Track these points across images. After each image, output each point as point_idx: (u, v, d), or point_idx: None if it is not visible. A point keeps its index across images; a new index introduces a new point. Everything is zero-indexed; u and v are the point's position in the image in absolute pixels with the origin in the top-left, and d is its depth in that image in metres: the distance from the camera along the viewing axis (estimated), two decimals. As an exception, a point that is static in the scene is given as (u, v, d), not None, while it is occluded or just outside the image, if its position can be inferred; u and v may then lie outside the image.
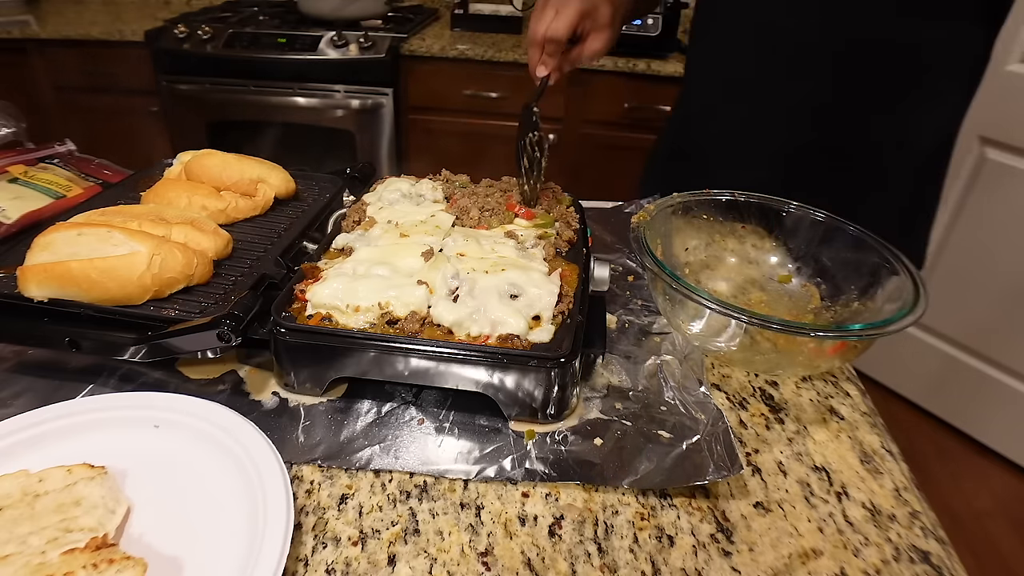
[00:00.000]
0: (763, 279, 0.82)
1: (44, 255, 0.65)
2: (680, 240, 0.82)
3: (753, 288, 0.81)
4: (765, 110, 0.96)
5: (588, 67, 2.09)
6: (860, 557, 0.52)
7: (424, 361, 0.60)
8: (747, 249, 0.84)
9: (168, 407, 0.59)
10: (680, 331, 0.72)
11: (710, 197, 0.82)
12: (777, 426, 0.65)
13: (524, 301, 0.63)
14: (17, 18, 2.41)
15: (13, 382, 0.65)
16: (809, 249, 0.80)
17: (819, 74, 0.90)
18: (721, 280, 0.83)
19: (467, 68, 2.20)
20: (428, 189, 0.84)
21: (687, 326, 0.70)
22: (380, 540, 0.52)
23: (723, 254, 0.84)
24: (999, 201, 1.85)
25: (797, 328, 0.61)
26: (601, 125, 2.23)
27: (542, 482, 0.57)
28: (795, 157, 0.96)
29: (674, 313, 0.71)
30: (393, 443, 0.60)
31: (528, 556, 0.51)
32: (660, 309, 0.76)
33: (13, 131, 1.01)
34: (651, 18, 2.09)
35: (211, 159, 0.84)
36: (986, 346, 2.00)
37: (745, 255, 0.83)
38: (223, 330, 0.58)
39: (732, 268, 0.83)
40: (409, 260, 0.67)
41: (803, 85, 0.92)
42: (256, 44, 2.24)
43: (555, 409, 0.61)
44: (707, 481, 0.55)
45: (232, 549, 0.48)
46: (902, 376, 2.24)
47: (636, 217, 0.75)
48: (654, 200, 0.81)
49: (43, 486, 0.50)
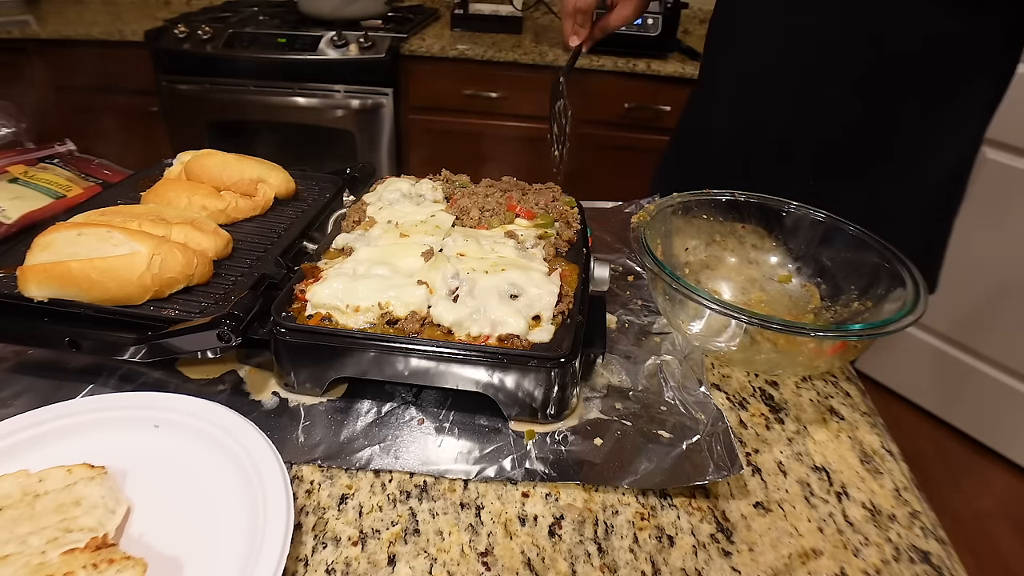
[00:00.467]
0: (763, 279, 0.82)
1: (44, 255, 0.65)
2: (680, 240, 0.82)
3: (753, 288, 0.81)
4: (784, 111, 0.95)
5: (591, 68, 2.09)
6: (860, 557, 0.52)
7: (424, 361, 0.60)
8: (747, 249, 0.84)
9: (168, 407, 0.59)
10: (680, 331, 0.72)
11: (710, 197, 0.82)
12: (777, 426, 0.65)
13: (524, 301, 0.63)
14: (17, 18, 2.41)
15: (13, 382, 0.65)
16: (809, 249, 0.80)
17: (843, 79, 0.89)
18: (721, 280, 0.83)
19: (467, 68, 2.20)
20: (428, 189, 0.84)
21: (687, 326, 0.70)
22: (380, 540, 0.52)
23: (723, 254, 0.84)
24: (999, 201, 1.85)
25: (797, 328, 0.61)
26: (601, 125, 2.23)
27: (542, 482, 0.57)
28: (817, 161, 0.95)
29: (674, 313, 0.71)
30: (393, 443, 0.60)
31: (528, 556, 0.51)
32: (660, 309, 0.76)
33: (13, 131, 1.01)
34: (651, 18, 2.09)
35: (211, 159, 0.84)
36: (986, 346, 2.00)
37: (745, 255, 0.83)
38: (223, 330, 0.58)
39: (732, 268, 0.83)
40: (409, 260, 0.67)
41: (826, 90, 0.91)
42: (256, 44, 2.23)
43: (555, 409, 0.61)
44: (707, 481, 0.55)
45: (232, 549, 0.48)
46: (902, 376, 2.23)
47: (636, 217, 0.75)
48: (654, 200, 0.81)
49: (43, 486, 0.50)
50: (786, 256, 0.82)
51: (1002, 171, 1.83)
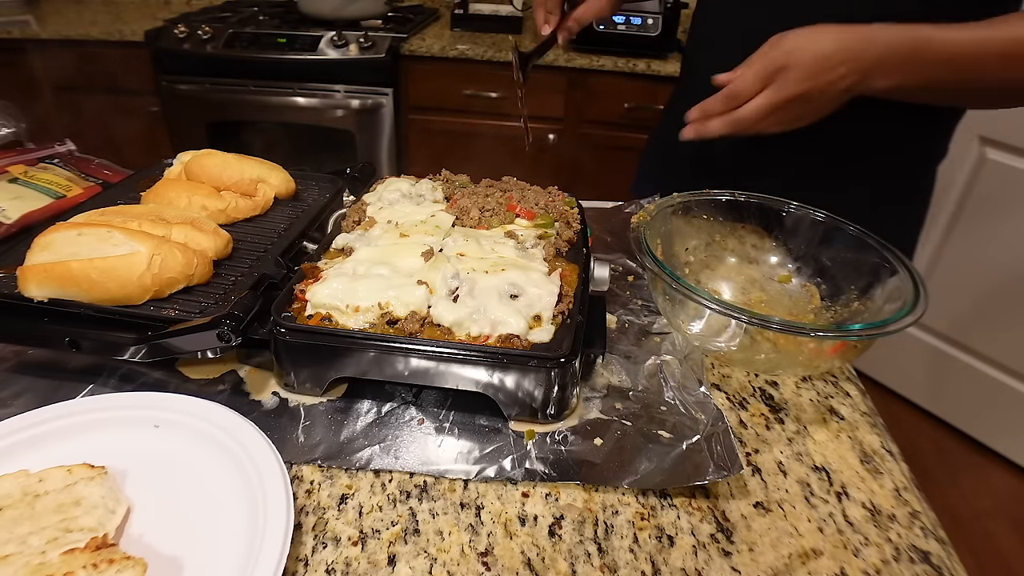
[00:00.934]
0: (763, 279, 0.82)
1: (44, 255, 0.65)
2: (680, 240, 0.82)
3: (753, 288, 0.81)
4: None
5: (591, 68, 2.09)
6: (860, 557, 0.52)
7: (424, 361, 0.60)
8: (747, 249, 0.84)
9: (168, 407, 0.59)
10: (680, 331, 0.72)
11: (710, 197, 0.82)
12: (777, 426, 0.65)
13: (524, 301, 0.63)
14: (17, 18, 2.41)
15: (13, 382, 0.65)
16: (809, 249, 0.80)
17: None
18: (721, 280, 0.83)
19: (467, 68, 2.20)
20: (428, 189, 0.84)
21: (687, 326, 0.70)
22: (380, 540, 0.52)
23: (723, 254, 0.84)
24: (999, 201, 1.85)
25: (797, 328, 0.61)
26: (601, 125, 2.23)
27: (542, 482, 0.57)
28: (788, 164, 0.96)
29: (674, 313, 0.71)
30: (393, 443, 0.60)
31: (528, 556, 0.51)
32: (660, 309, 0.76)
33: (13, 131, 1.01)
34: (651, 18, 2.09)
35: (211, 159, 0.84)
36: (986, 346, 2.00)
37: (745, 255, 0.83)
38: (223, 330, 0.58)
39: (732, 268, 0.83)
40: (409, 260, 0.67)
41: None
42: (256, 44, 2.23)
43: (555, 409, 0.61)
44: (707, 481, 0.55)
45: (232, 549, 0.48)
46: (902, 376, 2.24)
47: (636, 217, 0.75)
48: (654, 200, 0.81)
49: (43, 486, 0.50)
50: (786, 256, 0.82)
51: (1002, 171, 1.83)
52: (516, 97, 0.91)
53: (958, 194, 1.93)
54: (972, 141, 1.86)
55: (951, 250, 1.98)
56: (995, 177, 1.85)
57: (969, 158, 1.88)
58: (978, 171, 1.88)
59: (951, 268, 1.98)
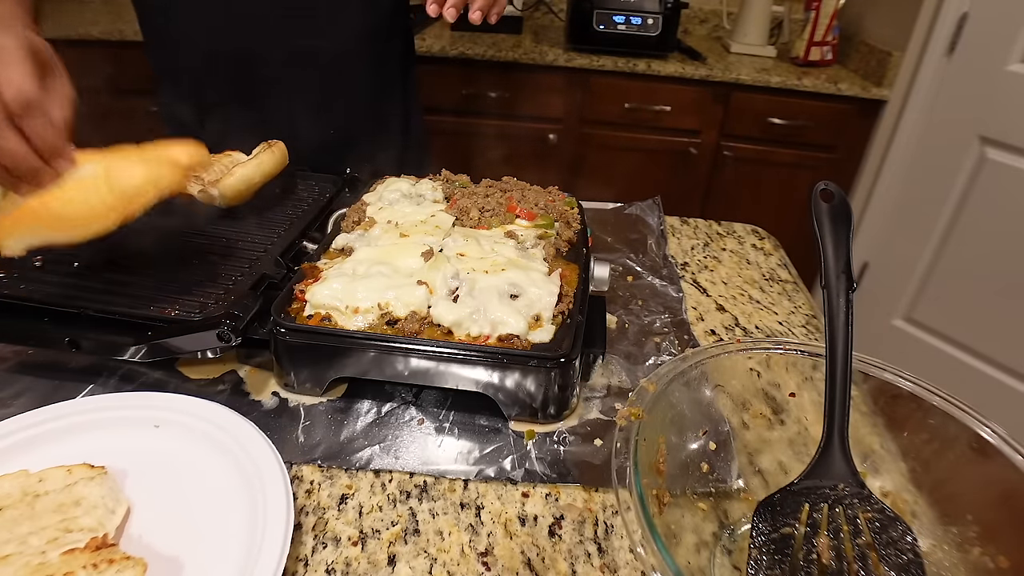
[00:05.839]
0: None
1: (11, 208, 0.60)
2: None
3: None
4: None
5: (591, 68, 2.09)
6: (860, 557, 0.52)
7: (424, 361, 0.60)
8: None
9: (168, 407, 0.59)
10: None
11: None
12: (779, 427, 0.65)
13: (524, 301, 0.63)
14: (17, 18, 2.41)
15: (13, 382, 0.65)
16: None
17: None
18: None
19: (467, 68, 2.20)
20: (428, 189, 0.84)
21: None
22: (380, 540, 0.52)
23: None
24: (999, 201, 1.85)
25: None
26: (601, 125, 2.23)
27: (542, 482, 0.57)
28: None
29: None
30: (393, 443, 0.60)
31: (528, 556, 0.51)
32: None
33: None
34: (651, 18, 2.09)
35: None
36: (986, 346, 2.00)
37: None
38: (223, 330, 0.58)
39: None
40: (409, 260, 0.67)
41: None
42: (256, 44, 2.23)
43: (555, 409, 0.61)
44: (708, 481, 0.55)
45: (232, 549, 0.48)
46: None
47: (626, 409, 0.50)
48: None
49: (43, 486, 0.50)
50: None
51: (1002, 171, 1.83)
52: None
53: (958, 194, 1.93)
54: (972, 141, 1.86)
55: (951, 249, 1.98)
56: (995, 177, 1.85)
57: (969, 158, 1.88)
58: (978, 171, 1.88)
59: (951, 267, 1.98)
